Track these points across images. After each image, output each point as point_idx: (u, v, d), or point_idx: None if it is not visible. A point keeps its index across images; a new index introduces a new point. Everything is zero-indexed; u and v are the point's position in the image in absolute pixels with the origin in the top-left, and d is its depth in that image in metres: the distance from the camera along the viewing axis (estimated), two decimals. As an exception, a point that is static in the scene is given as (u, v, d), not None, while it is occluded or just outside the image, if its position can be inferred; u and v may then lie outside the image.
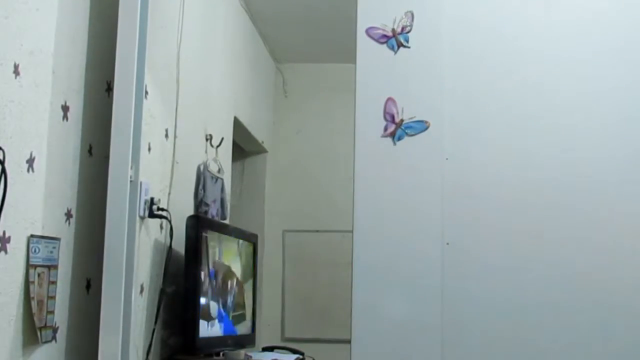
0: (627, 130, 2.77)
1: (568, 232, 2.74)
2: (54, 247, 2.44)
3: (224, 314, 3.56)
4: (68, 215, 2.58)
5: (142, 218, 2.94)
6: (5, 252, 2.18)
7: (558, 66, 2.81)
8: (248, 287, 4.02)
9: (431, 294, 2.66)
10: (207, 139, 3.96)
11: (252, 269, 4.11)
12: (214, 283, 3.44)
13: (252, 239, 4.15)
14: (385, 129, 2.82)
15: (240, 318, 3.84)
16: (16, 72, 2.23)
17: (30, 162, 2.32)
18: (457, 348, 2.73)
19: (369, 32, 2.85)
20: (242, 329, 3.86)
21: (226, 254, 3.67)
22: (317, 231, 5.87)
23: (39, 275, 2.33)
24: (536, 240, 2.74)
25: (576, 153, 2.77)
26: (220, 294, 3.52)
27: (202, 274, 3.26)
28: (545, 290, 2.74)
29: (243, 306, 3.90)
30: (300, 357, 4.09)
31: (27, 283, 2.27)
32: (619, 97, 2.78)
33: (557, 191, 2.75)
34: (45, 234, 2.40)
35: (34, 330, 2.31)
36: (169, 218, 3.10)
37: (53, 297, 2.43)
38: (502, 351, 2.74)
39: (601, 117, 2.78)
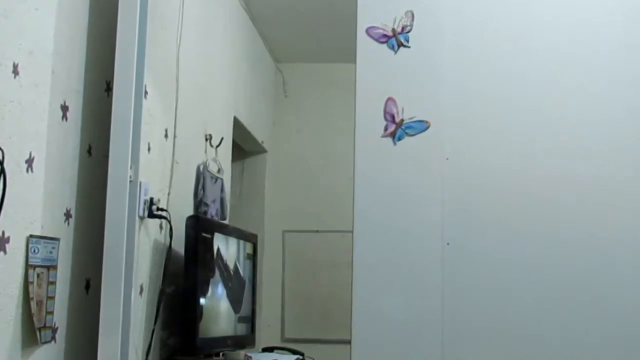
0: (636, 126, 2.76)
1: (569, 231, 2.73)
2: (53, 248, 2.43)
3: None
4: (67, 215, 2.57)
5: (142, 218, 2.93)
6: (5, 252, 2.17)
7: (561, 65, 2.80)
8: (248, 288, 4.01)
9: (432, 294, 2.65)
10: (206, 139, 3.95)
11: (252, 269, 4.10)
12: (214, 283, 3.43)
13: (251, 239, 4.14)
14: (386, 128, 2.81)
15: (240, 318, 3.83)
16: (15, 72, 2.22)
17: (30, 162, 2.31)
18: (458, 349, 2.72)
19: (369, 31, 2.85)
20: (242, 329, 3.85)
21: (225, 255, 3.66)
22: (317, 231, 5.86)
23: (38, 275, 2.33)
24: (537, 240, 2.73)
25: (580, 152, 2.75)
26: (219, 294, 3.52)
27: (202, 274, 3.25)
28: (546, 289, 2.73)
29: (243, 307, 3.88)
30: (300, 357, 4.08)
31: (26, 283, 2.27)
32: (627, 94, 2.76)
33: (559, 190, 2.74)
34: (45, 234, 2.39)
35: (33, 330, 2.30)
36: (168, 218, 3.09)
37: (52, 298, 2.43)
38: (504, 351, 2.73)
39: (608, 114, 2.76)
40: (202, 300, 3.23)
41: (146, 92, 2.87)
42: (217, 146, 4.06)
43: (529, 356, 2.74)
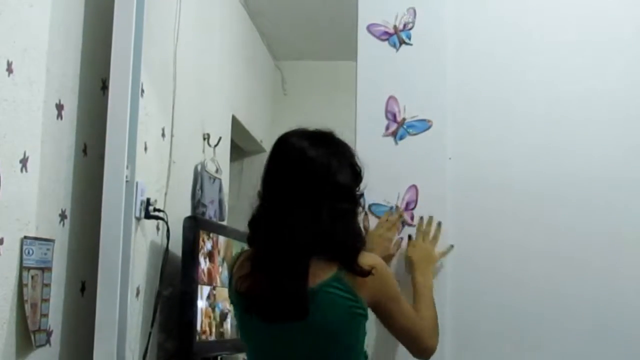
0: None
1: (577, 233, 2.70)
2: (48, 249, 2.43)
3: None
4: (62, 216, 2.56)
5: (138, 219, 2.91)
6: (-2, 254, 2.16)
7: (568, 62, 2.77)
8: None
9: (434, 296, 2.61)
10: (204, 138, 3.93)
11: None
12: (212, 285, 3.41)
13: (250, 240, 4.11)
14: (387, 128, 2.78)
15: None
16: (9, 69, 2.22)
17: (24, 161, 2.31)
18: (462, 352, 2.69)
19: (370, 29, 2.82)
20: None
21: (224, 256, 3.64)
22: (317, 232, 5.81)
23: (32, 277, 2.32)
24: (543, 242, 2.70)
25: (587, 151, 2.72)
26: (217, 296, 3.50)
27: (199, 276, 3.22)
28: (553, 292, 2.70)
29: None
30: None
31: (20, 286, 2.26)
32: (631, 92, 2.73)
33: (566, 191, 2.71)
34: (39, 236, 2.39)
35: (27, 334, 2.30)
36: (165, 219, 3.08)
37: (47, 300, 2.42)
38: (509, 355, 2.70)
39: (613, 112, 2.74)
40: (199, 303, 3.21)
41: (143, 91, 2.86)
42: (215, 145, 4.04)
43: None
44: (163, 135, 3.27)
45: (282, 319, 2.06)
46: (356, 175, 2.22)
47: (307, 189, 2.10)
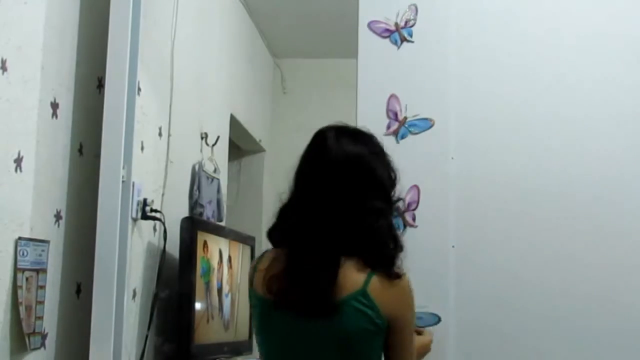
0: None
1: (578, 234, 2.69)
2: (42, 250, 2.41)
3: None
4: (57, 216, 2.54)
5: (135, 220, 2.90)
6: (-8, 255, 2.15)
7: (572, 61, 2.77)
8: (245, 292, 3.96)
9: (436, 298, 2.61)
10: (202, 138, 3.92)
11: (249, 272, 4.06)
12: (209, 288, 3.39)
13: (249, 242, 4.10)
14: (388, 127, 2.78)
15: (236, 324, 3.79)
16: (3, 67, 2.20)
17: (19, 161, 2.29)
18: (464, 353, 2.69)
19: (371, 26, 2.81)
20: (239, 335, 3.81)
21: (222, 257, 3.61)
22: (317, 233, 5.80)
23: (27, 279, 2.30)
24: (545, 242, 2.69)
25: (591, 152, 2.72)
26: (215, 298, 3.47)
27: (197, 278, 3.20)
28: (554, 293, 2.70)
29: (239, 312, 3.84)
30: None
31: (14, 288, 2.24)
32: (636, 92, 2.73)
33: (568, 192, 2.71)
34: (34, 237, 2.37)
35: (22, 336, 2.28)
36: (162, 220, 3.07)
37: (42, 302, 2.40)
38: (510, 355, 2.69)
39: (618, 112, 2.73)
40: (197, 305, 3.18)
41: (139, 89, 2.85)
42: (213, 145, 4.02)
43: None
44: (160, 134, 3.26)
45: (311, 314, 2.01)
46: (392, 178, 2.16)
47: (347, 185, 2.06)
